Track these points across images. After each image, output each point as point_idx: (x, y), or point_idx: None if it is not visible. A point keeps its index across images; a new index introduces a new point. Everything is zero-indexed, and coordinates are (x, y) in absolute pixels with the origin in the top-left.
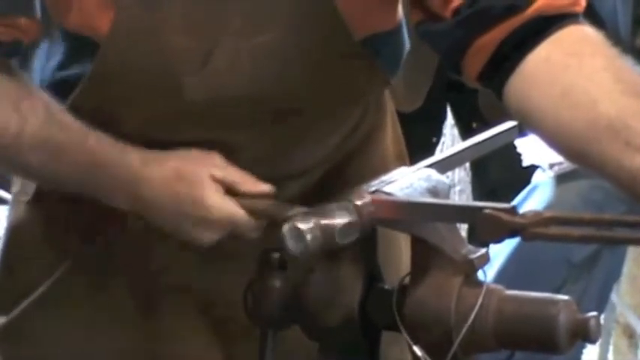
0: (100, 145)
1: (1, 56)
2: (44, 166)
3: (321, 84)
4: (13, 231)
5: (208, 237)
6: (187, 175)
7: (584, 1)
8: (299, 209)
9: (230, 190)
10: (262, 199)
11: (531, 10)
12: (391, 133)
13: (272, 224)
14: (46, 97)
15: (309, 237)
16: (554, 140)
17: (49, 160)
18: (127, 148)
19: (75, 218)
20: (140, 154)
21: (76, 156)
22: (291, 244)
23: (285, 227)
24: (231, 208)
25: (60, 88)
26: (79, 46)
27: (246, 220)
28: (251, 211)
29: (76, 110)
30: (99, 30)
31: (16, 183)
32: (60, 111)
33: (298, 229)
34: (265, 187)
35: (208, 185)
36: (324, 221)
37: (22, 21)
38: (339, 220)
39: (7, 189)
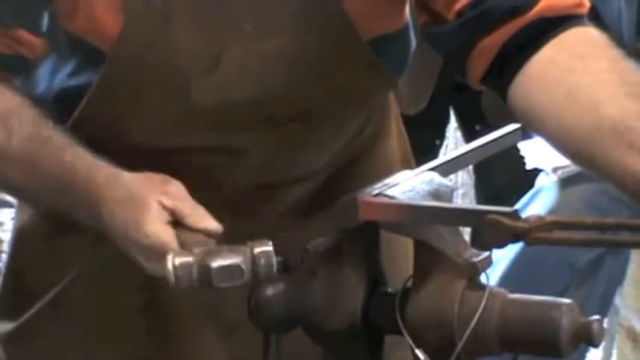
0: (74, 159)
1: (1, 70)
2: (23, 181)
3: (328, 87)
4: (20, 235)
5: (150, 266)
6: (138, 198)
7: (588, 3)
8: (222, 247)
9: (176, 222)
10: (206, 234)
11: (534, 12)
12: (396, 136)
13: None
14: (35, 114)
15: (183, 273)
16: (558, 142)
17: (29, 174)
18: (97, 165)
19: (83, 224)
20: (108, 172)
21: (52, 171)
22: (170, 278)
23: (167, 261)
24: (165, 237)
25: (68, 97)
26: (86, 54)
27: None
28: (185, 245)
29: (86, 118)
30: (106, 36)
31: None
32: (46, 127)
33: (176, 265)
34: (212, 224)
35: (153, 211)
36: (203, 262)
37: (25, 34)
38: (219, 262)
39: None
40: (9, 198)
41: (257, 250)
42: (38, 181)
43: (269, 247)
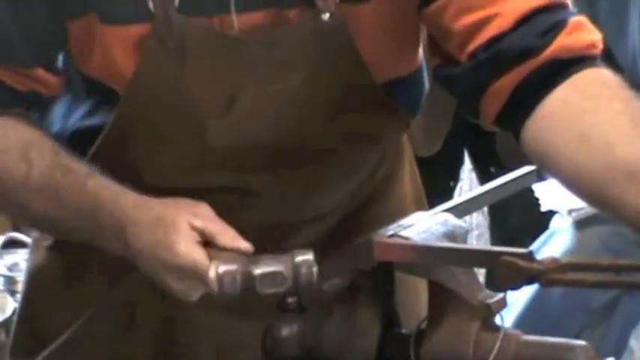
0: (97, 187)
1: (18, 105)
2: (47, 211)
3: (341, 129)
4: (33, 276)
5: (179, 286)
6: (167, 220)
7: (601, 44)
8: (264, 256)
9: (207, 243)
10: (237, 253)
11: (547, 54)
12: (409, 178)
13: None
14: (54, 145)
15: (228, 280)
16: (572, 183)
17: (52, 204)
18: (122, 192)
19: (97, 263)
20: (133, 198)
21: (76, 199)
22: (214, 286)
23: (210, 270)
24: (197, 256)
25: (82, 138)
26: (101, 95)
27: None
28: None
29: (100, 159)
30: (121, 77)
31: None
32: (66, 157)
33: (219, 273)
34: (243, 244)
35: (184, 232)
36: (247, 268)
37: (42, 73)
38: (262, 269)
39: (27, 232)
40: (23, 238)
41: (298, 258)
42: (62, 210)
43: (310, 256)
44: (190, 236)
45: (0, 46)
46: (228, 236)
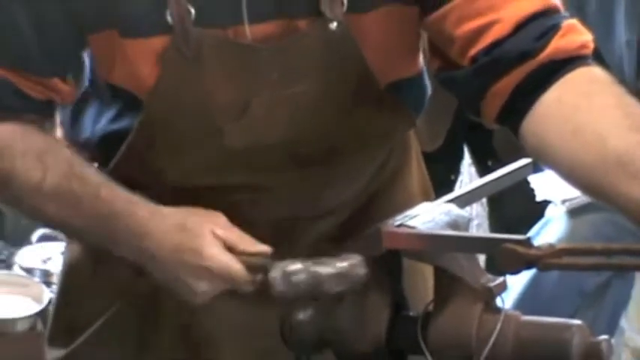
0: (111, 196)
1: (34, 112)
2: (61, 216)
3: (351, 128)
4: (68, 268)
5: (204, 288)
6: (190, 227)
7: (592, 44)
8: (317, 260)
9: (229, 248)
10: (259, 257)
11: (544, 56)
12: (417, 171)
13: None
14: (68, 152)
15: (294, 280)
16: (568, 174)
17: (65, 210)
18: (136, 201)
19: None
20: (148, 207)
21: (90, 207)
22: (279, 286)
23: (275, 271)
24: (228, 259)
25: (111, 141)
26: (125, 101)
27: (242, 273)
28: (247, 266)
29: (126, 161)
30: (143, 85)
31: None
32: (80, 165)
33: (286, 272)
34: (263, 247)
35: (209, 238)
36: (312, 268)
37: (57, 82)
38: (328, 269)
39: None
40: (55, 234)
41: (351, 261)
42: (76, 216)
43: (359, 259)
44: (215, 242)
45: (19, 55)
46: (248, 242)
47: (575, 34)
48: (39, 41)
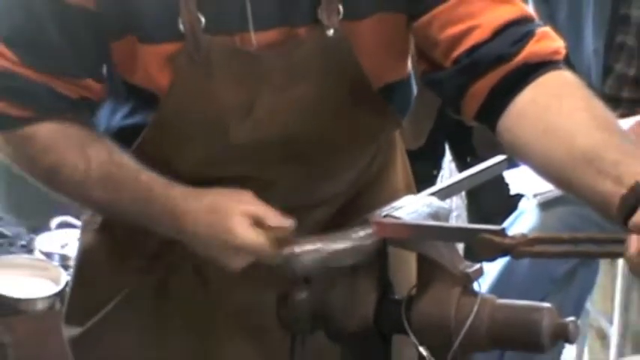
0: (149, 180)
1: (71, 110)
2: (106, 199)
3: (344, 127)
4: (83, 254)
5: (236, 262)
6: (221, 208)
7: (564, 50)
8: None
9: (257, 223)
10: (283, 231)
11: (519, 59)
12: (401, 167)
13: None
14: (108, 142)
15: (307, 259)
16: (540, 169)
17: (110, 194)
18: (171, 185)
19: (136, 243)
20: (181, 190)
21: (131, 190)
22: (293, 263)
23: (297, 247)
24: (255, 236)
25: (125, 135)
26: (143, 99)
27: (267, 247)
28: (272, 241)
29: (140, 152)
30: (159, 85)
31: (86, 212)
32: (119, 153)
33: (306, 249)
34: (287, 221)
35: (238, 217)
36: (323, 246)
37: (90, 82)
38: (337, 245)
39: (78, 217)
40: (73, 220)
41: (362, 233)
42: (118, 200)
43: (370, 230)
44: (243, 220)
45: (55, 61)
46: (273, 216)
47: (548, 41)
48: (71, 49)
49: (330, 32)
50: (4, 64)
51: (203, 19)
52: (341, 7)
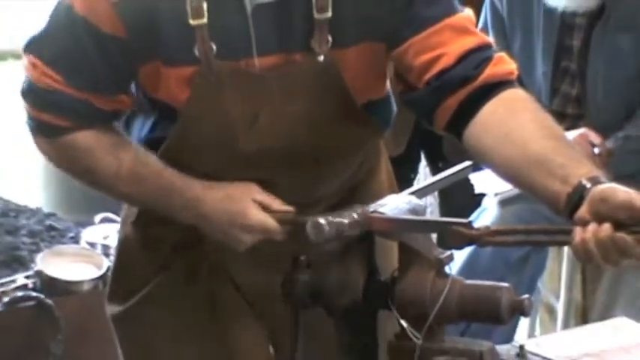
0: (171, 175)
1: (105, 120)
2: (135, 193)
3: (335, 137)
4: (122, 244)
5: (248, 239)
6: (235, 196)
7: (516, 71)
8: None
9: (265, 208)
10: (286, 214)
11: (481, 80)
12: (385, 171)
13: (294, 230)
14: (135, 145)
15: (326, 228)
16: (500, 171)
17: (138, 189)
18: (190, 179)
19: (166, 235)
20: (201, 183)
21: (156, 184)
22: (312, 234)
23: (309, 222)
24: (265, 217)
25: (151, 145)
26: (165, 111)
27: (275, 226)
28: (279, 220)
29: (163, 159)
30: (179, 100)
31: (124, 209)
32: (144, 154)
33: (318, 222)
34: (289, 208)
35: (250, 202)
36: (336, 219)
37: (122, 97)
38: (346, 219)
39: (118, 213)
40: (113, 216)
41: (359, 210)
42: (144, 193)
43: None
44: (254, 205)
45: (94, 81)
46: (278, 203)
47: (504, 64)
48: (106, 70)
49: (321, 58)
50: (50, 82)
51: (215, 47)
52: (330, 37)
